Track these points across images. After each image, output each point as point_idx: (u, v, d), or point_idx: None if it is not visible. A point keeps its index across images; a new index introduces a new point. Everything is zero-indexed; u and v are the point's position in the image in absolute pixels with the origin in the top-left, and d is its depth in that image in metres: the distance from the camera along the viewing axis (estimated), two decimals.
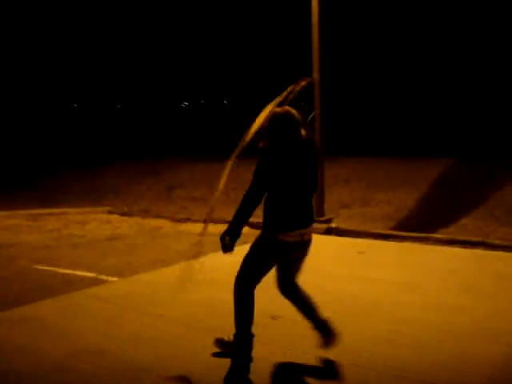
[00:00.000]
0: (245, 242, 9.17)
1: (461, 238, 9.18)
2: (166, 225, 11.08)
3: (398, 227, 10.39)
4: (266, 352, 4.99)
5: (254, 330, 4.93)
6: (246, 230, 10.07)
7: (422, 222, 10.63)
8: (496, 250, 8.54)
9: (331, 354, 4.87)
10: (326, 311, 5.95)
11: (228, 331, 5.24)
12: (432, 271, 7.49)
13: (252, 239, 9.28)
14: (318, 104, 10.14)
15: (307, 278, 7.24)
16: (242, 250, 8.88)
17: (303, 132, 4.60)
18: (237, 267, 7.68)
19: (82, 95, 53.58)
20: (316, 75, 10.14)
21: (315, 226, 9.69)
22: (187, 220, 11.25)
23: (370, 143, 19.24)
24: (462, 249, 8.74)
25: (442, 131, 20.31)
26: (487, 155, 15.28)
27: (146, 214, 12.26)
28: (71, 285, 7.17)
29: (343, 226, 10.23)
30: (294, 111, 4.60)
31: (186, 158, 18.83)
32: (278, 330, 5.53)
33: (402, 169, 14.96)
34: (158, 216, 11.87)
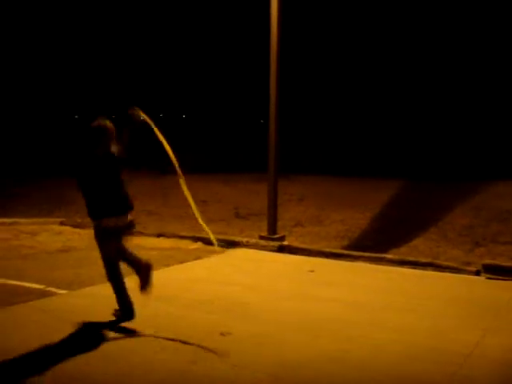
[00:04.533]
0: (197, 257, 9.23)
1: (411, 258, 9.29)
2: None
3: (351, 247, 10.47)
4: (212, 369, 4.98)
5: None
6: (200, 245, 10.19)
7: (374, 242, 10.74)
8: (444, 272, 8.67)
9: (277, 369, 4.89)
10: (272, 327, 6.01)
11: (175, 347, 5.25)
12: (381, 291, 7.56)
13: (206, 255, 9.36)
14: (274, 121, 10.15)
15: (256, 295, 7.30)
16: (193, 264, 8.92)
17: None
18: (187, 283, 7.74)
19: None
20: (273, 92, 10.15)
21: (268, 243, 9.80)
22: (140, 234, 11.14)
23: (325, 162, 19.41)
24: (412, 269, 8.84)
25: (396, 153, 20.63)
26: (440, 177, 15.55)
27: None
28: (18, 297, 7.03)
29: (296, 244, 10.26)
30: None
31: (138, 172, 18.74)
32: (226, 347, 5.50)
33: (356, 189, 15.14)
34: None
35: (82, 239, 10.85)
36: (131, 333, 5.86)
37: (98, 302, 6.92)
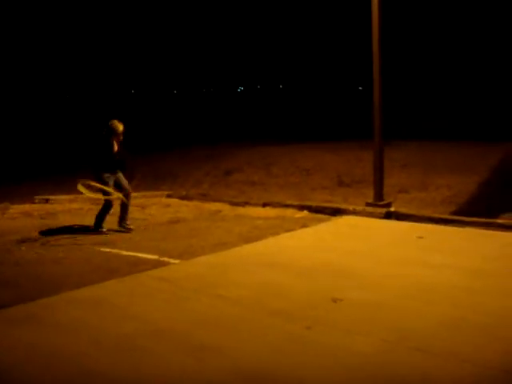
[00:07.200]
0: (304, 226, 9.30)
1: None
2: (225, 208, 11.16)
3: (458, 212, 10.25)
4: (326, 335, 5.04)
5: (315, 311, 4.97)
6: (305, 213, 10.25)
7: (482, 208, 10.46)
8: None
9: (393, 336, 4.89)
10: (385, 294, 6.00)
11: (288, 313, 5.34)
12: (493, 257, 7.37)
13: (312, 223, 9.41)
14: (377, 88, 10.01)
15: (366, 262, 7.29)
16: (301, 232, 8.98)
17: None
18: (296, 251, 7.82)
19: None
20: (376, 49, 9.94)
21: (374, 210, 9.74)
22: (246, 204, 11.32)
23: (428, 127, 18.99)
24: None
25: (503, 115, 19.90)
26: None
27: (204, 198, 12.37)
28: (134, 266, 7.32)
29: (403, 210, 10.14)
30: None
31: (240, 144, 18.97)
32: (339, 313, 5.54)
33: (461, 154, 14.76)
34: (217, 200, 11.95)
35: (189, 211, 11.12)
36: (243, 299, 6.00)
37: (211, 270, 7.12)
